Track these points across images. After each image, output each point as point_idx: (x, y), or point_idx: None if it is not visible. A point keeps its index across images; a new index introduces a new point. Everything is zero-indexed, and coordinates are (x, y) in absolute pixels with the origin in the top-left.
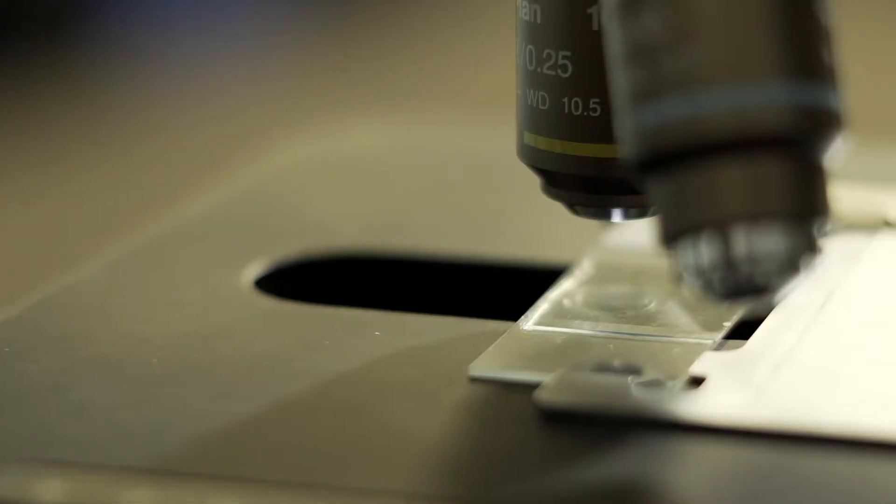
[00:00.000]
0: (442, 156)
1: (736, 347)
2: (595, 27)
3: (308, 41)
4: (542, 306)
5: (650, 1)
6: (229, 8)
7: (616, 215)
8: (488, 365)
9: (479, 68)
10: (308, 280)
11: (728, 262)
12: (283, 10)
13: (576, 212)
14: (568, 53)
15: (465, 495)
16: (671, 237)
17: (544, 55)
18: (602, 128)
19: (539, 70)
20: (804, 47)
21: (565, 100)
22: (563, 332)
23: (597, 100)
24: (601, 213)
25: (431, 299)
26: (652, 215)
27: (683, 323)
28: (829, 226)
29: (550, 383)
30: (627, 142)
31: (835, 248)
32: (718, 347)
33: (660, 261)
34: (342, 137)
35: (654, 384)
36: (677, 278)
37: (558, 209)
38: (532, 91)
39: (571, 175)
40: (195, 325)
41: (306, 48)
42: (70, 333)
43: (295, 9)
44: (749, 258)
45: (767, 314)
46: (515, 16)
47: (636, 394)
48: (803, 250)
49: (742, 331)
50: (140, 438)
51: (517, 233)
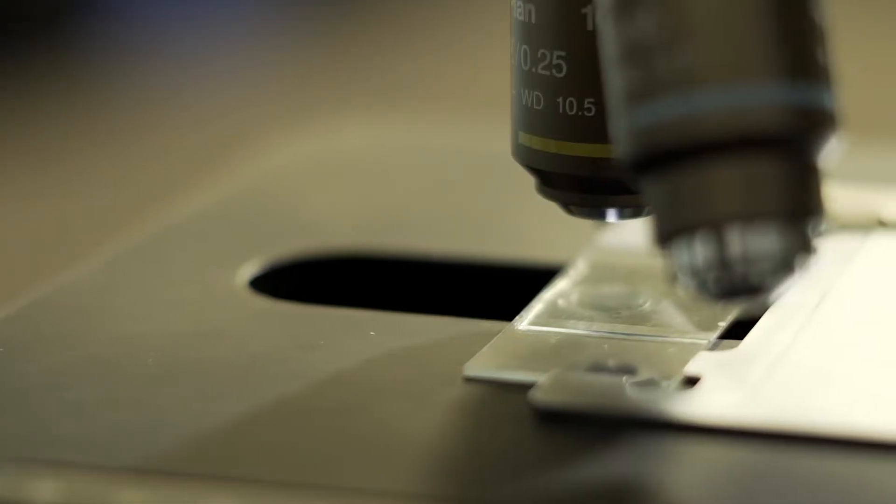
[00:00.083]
0: (437, 156)
1: (730, 347)
2: (590, 27)
3: (305, 41)
4: (537, 306)
5: (644, 1)
6: (227, 7)
7: (611, 215)
8: (483, 365)
9: (475, 68)
10: (303, 280)
11: (723, 262)
12: (281, 10)
13: (570, 212)
14: (562, 53)
15: (460, 495)
16: (666, 237)
17: (539, 55)
18: (597, 128)
19: (534, 70)
20: (798, 47)
21: (560, 100)
22: (558, 332)
23: (591, 100)
24: (596, 213)
25: (426, 299)
26: (646, 215)
27: (678, 323)
28: (824, 226)
29: (545, 383)
30: (622, 142)
31: (829, 248)
32: (713, 347)
33: (654, 261)
34: (337, 137)
35: (649, 384)
36: (672, 278)
37: (553, 209)
38: (527, 91)
39: (566, 175)
40: (190, 325)
41: (304, 48)
42: (64, 333)
43: (292, 8)
44: (744, 258)
45: (762, 314)
46: (510, 16)
47: (631, 394)
48: (798, 250)
49: (737, 331)
50: (135, 438)
51: (512, 233)
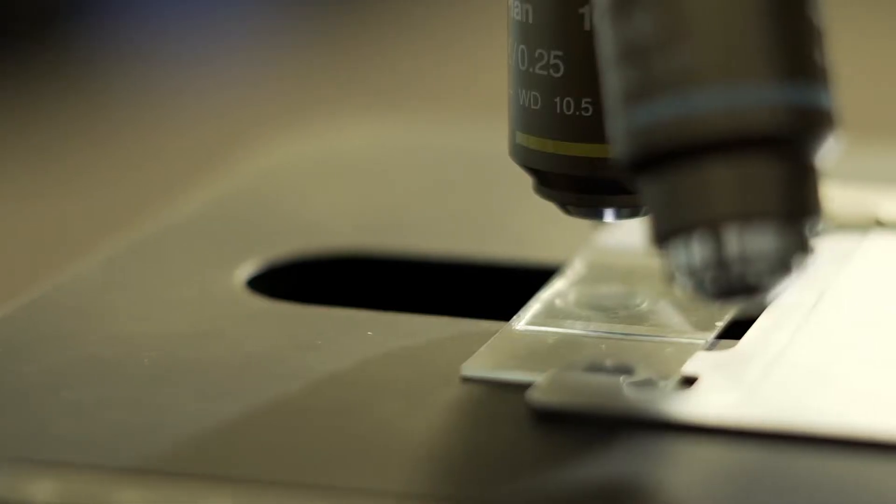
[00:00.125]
0: (434, 156)
1: (728, 347)
2: (587, 27)
3: (304, 41)
4: (535, 306)
5: (642, 1)
6: (227, 7)
7: (608, 215)
8: (480, 365)
9: (473, 68)
10: (300, 280)
11: (720, 262)
12: (280, 10)
13: (568, 212)
14: (560, 53)
15: (458, 495)
16: (663, 237)
17: (536, 55)
18: (594, 128)
19: (531, 70)
20: (796, 47)
21: (557, 99)
22: (556, 332)
23: (589, 100)
24: (593, 213)
25: (424, 299)
26: (644, 215)
27: (675, 323)
28: (821, 225)
29: (542, 383)
30: (619, 142)
31: (826, 248)
32: (710, 347)
33: (652, 261)
34: (336, 137)
35: (647, 384)
36: (669, 278)
37: (550, 209)
38: (524, 91)
39: (563, 175)
40: (188, 325)
41: (303, 48)
42: (62, 333)
43: (292, 8)
44: (741, 258)
45: (759, 314)
46: (507, 15)
47: (628, 394)
48: (795, 250)
49: (734, 331)
50: (133, 438)
51: (509, 233)
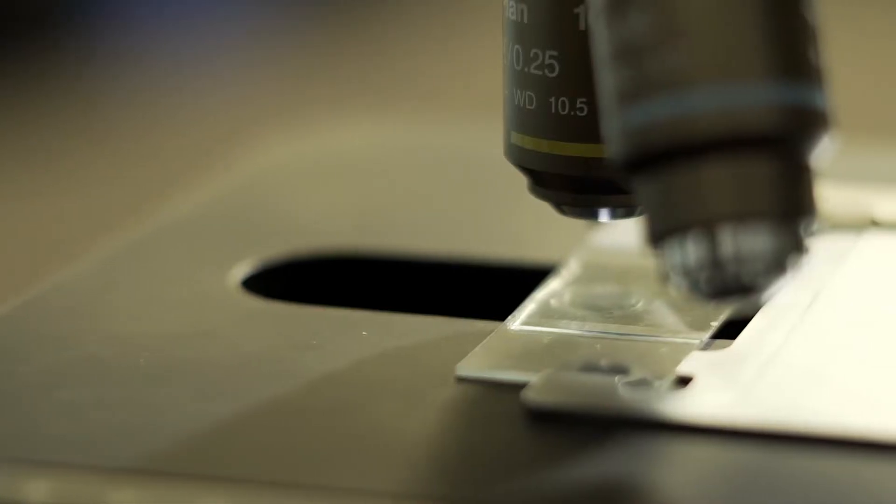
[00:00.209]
0: (428, 156)
1: (723, 347)
2: (582, 27)
3: (301, 41)
4: (529, 306)
5: (637, 1)
6: (224, 7)
7: (603, 215)
8: (475, 365)
9: (466, 68)
10: (295, 280)
11: (715, 262)
12: (277, 10)
13: (563, 212)
14: (555, 53)
15: (453, 495)
16: (658, 237)
17: (531, 55)
18: (589, 128)
19: (526, 70)
20: (791, 46)
21: (552, 99)
22: (551, 332)
23: (584, 99)
24: (588, 213)
25: (419, 299)
26: (639, 215)
27: (670, 323)
28: (816, 225)
29: (537, 383)
30: (614, 141)
31: (821, 248)
32: (705, 347)
33: (647, 261)
34: (330, 137)
35: (641, 384)
36: (664, 278)
37: (545, 209)
38: (519, 91)
39: (558, 175)
40: (182, 325)
41: (299, 47)
42: (57, 333)
43: (288, 8)
44: (736, 258)
45: (754, 314)
46: (502, 15)
47: (623, 393)
48: (790, 250)
49: (729, 330)
50: (127, 438)
51: (504, 233)
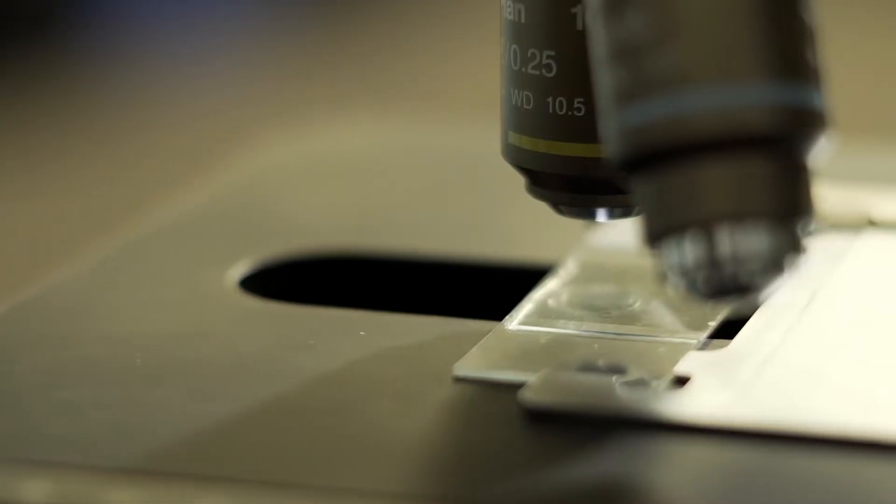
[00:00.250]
0: (427, 155)
1: (720, 347)
2: (579, 27)
3: (299, 40)
4: (527, 306)
5: (634, 1)
6: (222, 6)
7: (601, 215)
8: (473, 365)
9: (466, 68)
10: (293, 280)
11: (712, 262)
12: (275, 9)
13: (560, 211)
14: (552, 53)
15: (450, 495)
16: (655, 236)
17: (529, 55)
18: (586, 127)
19: (523, 70)
20: (788, 47)
21: (550, 99)
22: (548, 332)
23: (581, 99)
24: (586, 213)
25: (416, 299)
26: (636, 215)
27: (668, 322)
28: (814, 225)
29: (535, 383)
30: (612, 141)
31: (819, 248)
32: (703, 347)
33: (644, 260)
34: (327, 137)
35: (639, 384)
36: (662, 278)
37: (543, 209)
38: (516, 91)
39: (556, 175)
40: (180, 325)
41: (297, 47)
42: (54, 333)
43: (286, 8)
44: (733, 257)
45: (752, 314)
46: (500, 15)
47: (621, 393)
48: (788, 250)
49: (726, 330)
50: (125, 438)
51: (502, 232)
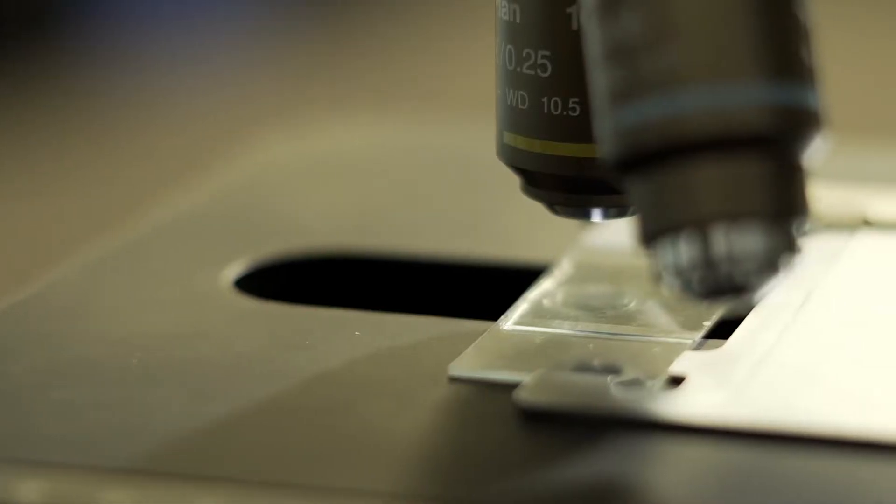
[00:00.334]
0: (422, 155)
1: (715, 347)
2: (574, 27)
3: (296, 40)
4: (522, 306)
5: (629, 1)
6: (220, 6)
7: (596, 215)
8: (468, 365)
9: (460, 68)
10: (288, 280)
11: (707, 262)
12: (274, 9)
13: (555, 211)
14: (547, 53)
15: (445, 495)
16: (651, 237)
17: (524, 55)
18: (581, 127)
19: (518, 70)
20: (783, 47)
21: (545, 99)
22: (543, 332)
23: (576, 99)
24: (581, 213)
25: (411, 299)
26: (631, 215)
27: (663, 322)
28: (809, 225)
29: (530, 383)
30: (607, 141)
31: (814, 248)
32: (698, 347)
33: (639, 260)
34: (324, 137)
35: (634, 384)
36: (657, 278)
37: (538, 209)
38: (511, 91)
39: (551, 175)
40: (175, 326)
41: (294, 47)
42: (50, 333)
43: (283, 8)
44: (728, 257)
45: (747, 314)
46: (495, 15)
47: (616, 393)
48: (783, 250)
49: (721, 330)
50: (121, 438)
51: (497, 232)
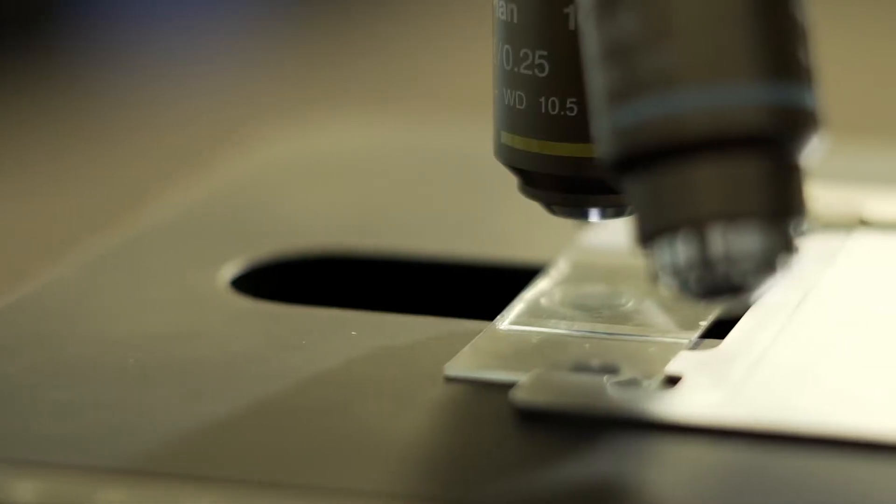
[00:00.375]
0: (419, 155)
1: (712, 347)
2: (572, 27)
3: (291, 40)
4: (518, 306)
5: (626, 1)
6: (216, 6)
7: (593, 215)
8: (464, 364)
9: (457, 68)
10: (284, 280)
11: (705, 262)
12: (270, 8)
13: (553, 211)
14: (545, 53)
15: (442, 495)
16: (648, 236)
17: (521, 55)
18: (579, 127)
19: (516, 70)
20: (780, 46)
21: (542, 99)
22: (539, 332)
23: (573, 99)
24: (578, 213)
25: (408, 299)
26: (629, 215)
27: (659, 322)
28: (806, 225)
29: (526, 383)
30: (604, 141)
31: (811, 248)
32: (694, 347)
33: (635, 260)
34: (320, 137)
35: (630, 383)
36: (654, 278)
37: (535, 209)
38: (509, 91)
39: (548, 175)
40: (171, 326)
41: (290, 47)
42: (46, 333)
43: (279, 7)
44: (726, 257)
45: (743, 314)
46: (492, 15)
47: (612, 393)
48: (780, 250)
49: (718, 330)
50: (116, 438)
51: (494, 232)
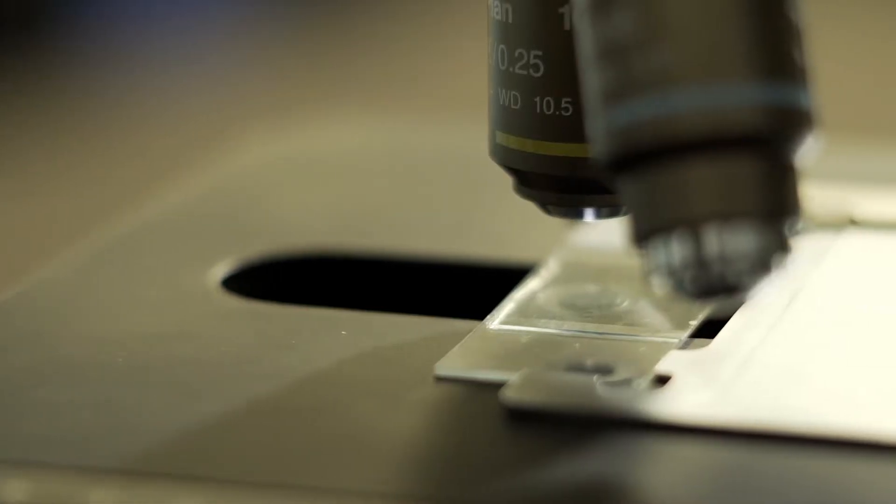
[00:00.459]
0: (412, 154)
1: (701, 346)
2: (567, 27)
3: (286, 40)
4: (508, 305)
5: (621, 0)
6: (211, 6)
7: (588, 215)
8: (454, 364)
9: (452, 68)
10: (275, 279)
11: (699, 261)
12: (265, 8)
13: (548, 211)
14: (540, 53)
15: (432, 494)
16: (643, 236)
17: (516, 55)
18: (574, 127)
19: (511, 69)
20: (775, 46)
21: (537, 99)
22: (529, 332)
23: (568, 99)
24: (573, 213)
25: (398, 299)
26: (624, 215)
27: (649, 322)
28: (800, 225)
29: (516, 382)
30: (599, 141)
31: (800, 247)
32: (684, 346)
33: (626, 260)
34: (312, 136)
35: (620, 383)
36: (648, 277)
37: (530, 208)
38: (504, 90)
39: (543, 175)
40: (162, 325)
41: (284, 47)
42: (36, 333)
43: (274, 8)
44: (721, 257)
45: (733, 313)
46: (487, 15)
47: (602, 393)
48: (775, 249)
49: (708, 330)
50: (106, 438)
51: (488, 232)
